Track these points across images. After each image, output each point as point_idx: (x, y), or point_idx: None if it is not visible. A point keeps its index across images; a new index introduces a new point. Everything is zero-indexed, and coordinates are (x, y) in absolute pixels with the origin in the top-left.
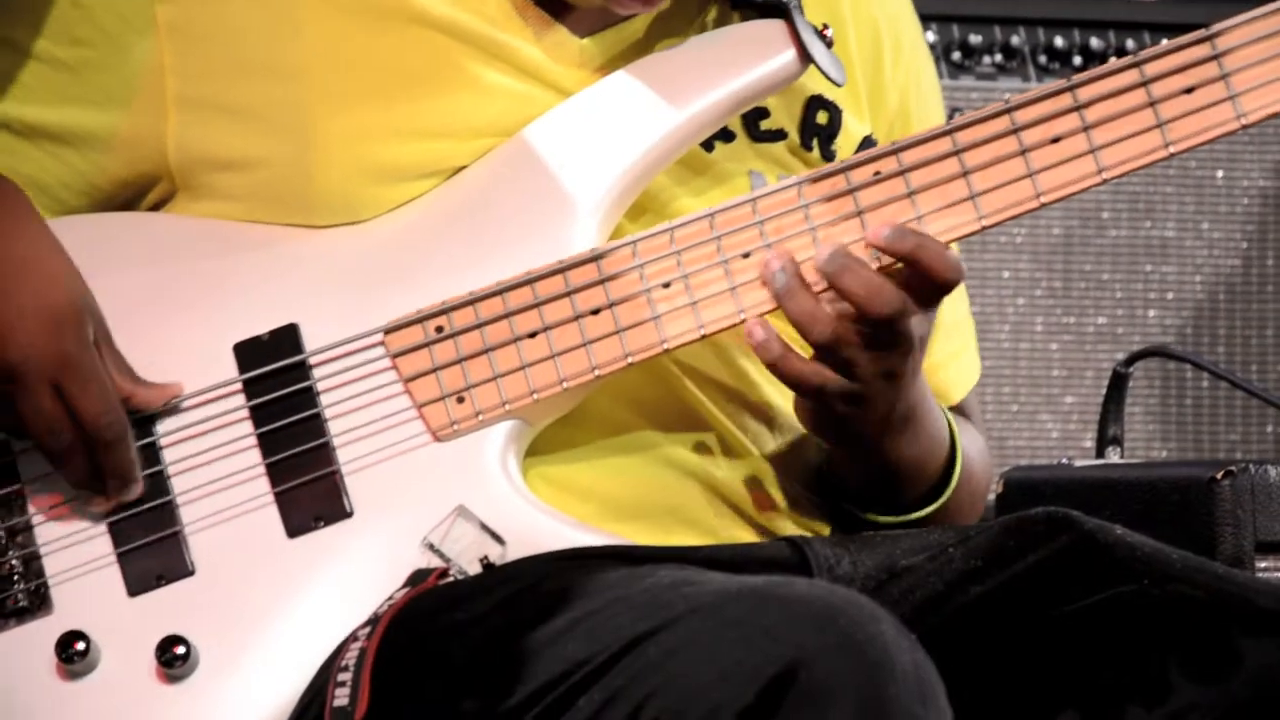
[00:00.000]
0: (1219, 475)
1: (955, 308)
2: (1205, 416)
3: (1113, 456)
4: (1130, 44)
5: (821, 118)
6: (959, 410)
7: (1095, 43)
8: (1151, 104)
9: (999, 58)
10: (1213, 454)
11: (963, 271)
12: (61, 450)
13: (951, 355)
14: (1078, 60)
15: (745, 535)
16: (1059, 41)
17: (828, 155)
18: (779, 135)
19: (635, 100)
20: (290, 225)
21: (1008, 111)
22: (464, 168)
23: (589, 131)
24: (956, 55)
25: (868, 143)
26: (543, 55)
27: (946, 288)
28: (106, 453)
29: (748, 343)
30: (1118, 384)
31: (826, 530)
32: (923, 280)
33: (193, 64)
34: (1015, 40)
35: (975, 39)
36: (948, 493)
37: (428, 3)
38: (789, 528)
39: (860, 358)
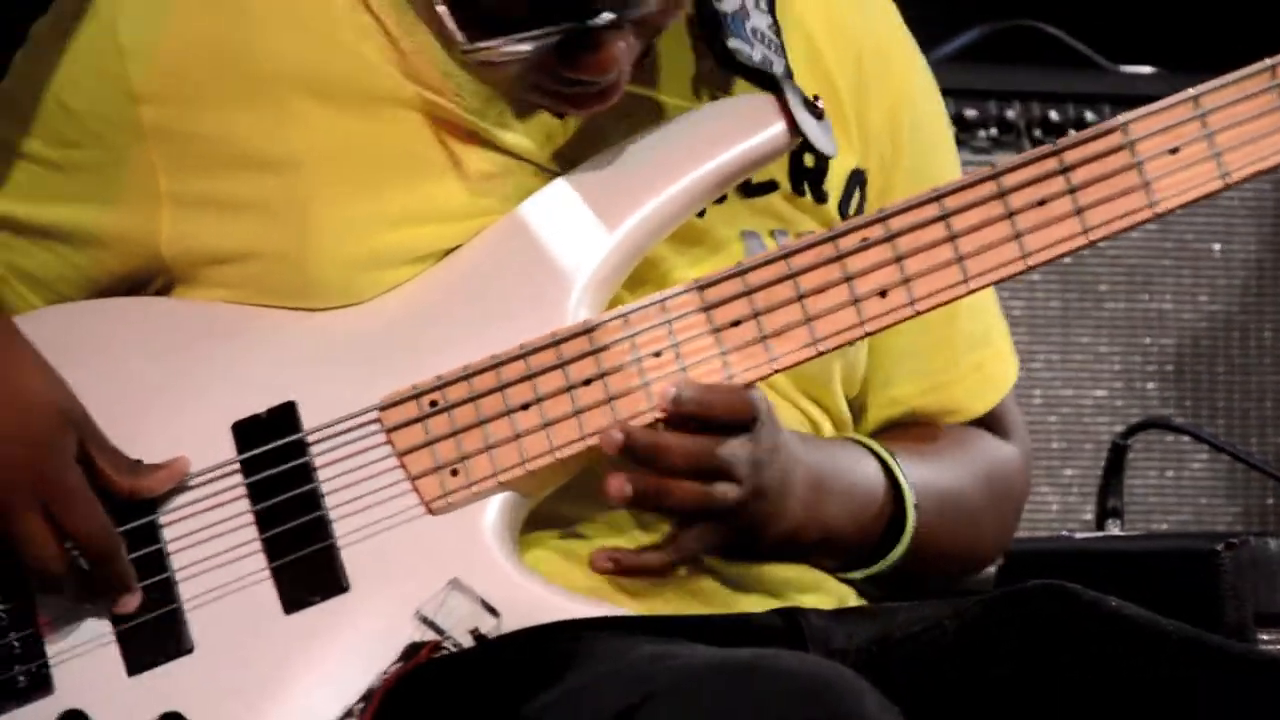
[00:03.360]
0: (1221, 547)
1: (978, 318)
2: (1205, 489)
3: (1113, 529)
4: None
5: (809, 160)
6: (986, 420)
7: (1090, 116)
8: (1136, 165)
9: (994, 131)
10: (1213, 526)
11: (757, 408)
12: (53, 574)
13: (973, 367)
14: (1072, 134)
15: (750, 605)
16: (1054, 115)
17: (819, 197)
18: (771, 187)
19: (625, 176)
20: (287, 309)
21: (994, 176)
22: (457, 248)
23: (578, 208)
24: (952, 129)
25: (855, 175)
26: (525, 137)
27: (744, 426)
28: (99, 569)
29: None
30: (1117, 456)
31: (828, 599)
32: (719, 424)
33: (183, 161)
34: (1010, 114)
35: (970, 113)
36: (904, 540)
37: (406, 86)
38: (794, 598)
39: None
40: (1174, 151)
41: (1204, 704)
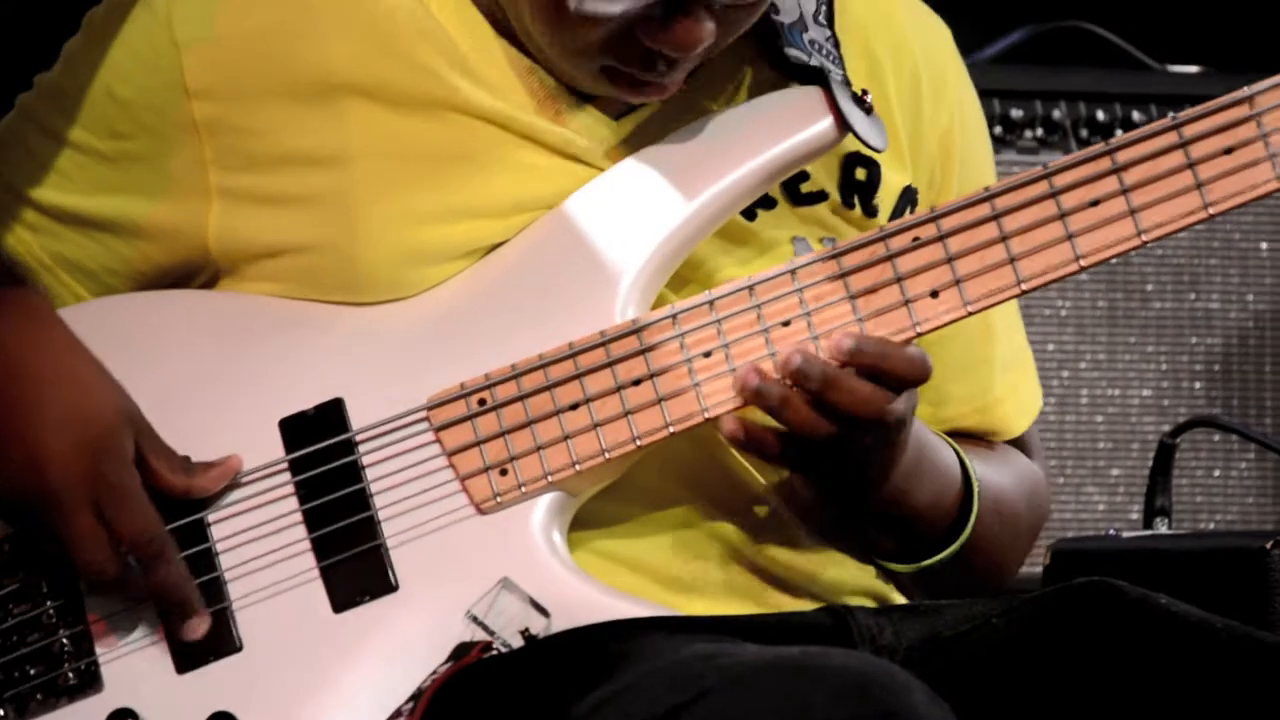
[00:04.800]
0: (1269, 545)
1: (1009, 339)
2: (1253, 487)
3: (1161, 528)
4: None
5: (860, 174)
6: (1018, 443)
7: (1137, 116)
8: (1190, 165)
9: (1040, 132)
10: (1261, 525)
11: (929, 368)
12: (104, 575)
13: (1010, 388)
14: (1119, 134)
15: (794, 604)
16: (1100, 115)
17: (869, 211)
18: (820, 197)
19: (671, 172)
20: (334, 304)
21: (1046, 176)
22: (502, 244)
23: (625, 204)
24: (998, 130)
25: (908, 192)
26: (575, 136)
27: (915, 384)
28: (150, 571)
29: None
30: (1165, 455)
31: (874, 603)
32: (891, 382)
33: (233, 156)
34: (1056, 114)
35: (1016, 113)
36: (968, 529)
37: (463, 91)
38: (838, 597)
39: (857, 442)
40: (1229, 151)
41: (1255, 702)
